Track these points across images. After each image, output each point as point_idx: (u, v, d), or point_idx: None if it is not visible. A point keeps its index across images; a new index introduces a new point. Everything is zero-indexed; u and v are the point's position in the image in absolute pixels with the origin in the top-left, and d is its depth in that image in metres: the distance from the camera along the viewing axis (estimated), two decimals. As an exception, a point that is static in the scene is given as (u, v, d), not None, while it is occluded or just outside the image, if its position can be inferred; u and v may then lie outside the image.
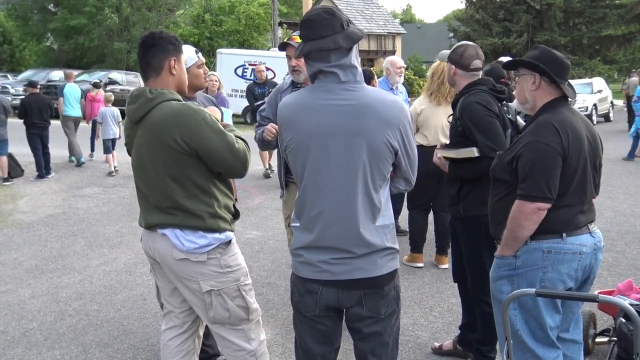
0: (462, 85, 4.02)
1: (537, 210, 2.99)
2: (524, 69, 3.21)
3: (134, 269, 6.74)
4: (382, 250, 2.68)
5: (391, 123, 2.62)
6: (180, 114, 3.03)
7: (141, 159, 3.17)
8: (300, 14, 52.22)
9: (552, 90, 3.14)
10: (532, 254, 3.10)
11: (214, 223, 3.15)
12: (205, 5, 33.61)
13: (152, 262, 3.36)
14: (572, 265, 3.07)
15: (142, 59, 3.18)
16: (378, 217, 2.67)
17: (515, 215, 3.05)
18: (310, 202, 2.68)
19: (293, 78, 4.50)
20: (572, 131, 3.01)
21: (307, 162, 2.65)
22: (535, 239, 3.08)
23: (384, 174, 2.68)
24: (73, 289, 6.12)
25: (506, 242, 3.15)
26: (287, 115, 2.71)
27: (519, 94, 3.25)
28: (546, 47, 3.23)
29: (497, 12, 36.36)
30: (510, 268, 3.17)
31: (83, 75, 26.31)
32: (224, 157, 3.08)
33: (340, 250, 2.63)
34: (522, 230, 3.05)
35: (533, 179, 2.98)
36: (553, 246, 3.06)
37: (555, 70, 3.10)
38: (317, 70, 2.66)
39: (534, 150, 2.99)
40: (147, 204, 3.23)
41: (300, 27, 2.69)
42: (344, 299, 2.70)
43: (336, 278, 2.66)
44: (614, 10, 35.35)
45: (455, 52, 4.00)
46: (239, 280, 3.26)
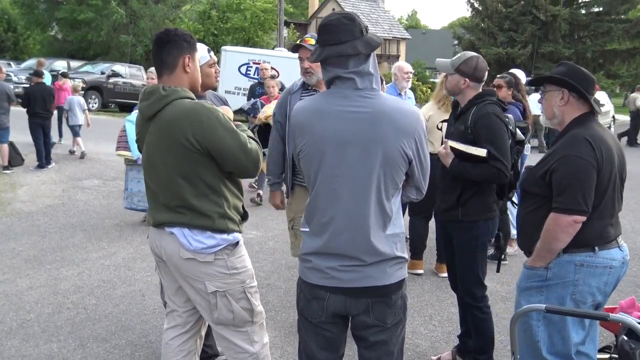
0: (470, 96, 4.04)
1: (573, 223, 3.04)
2: (550, 85, 3.26)
3: (133, 264, 6.70)
4: (392, 259, 2.67)
5: (407, 132, 2.61)
6: (194, 112, 3.01)
7: (151, 156, 3.15)
8: (306, 14, 52.26)
9: (581, 105, 3.20)
10: (564, 266, 3.14)
11: (222, 224, 3.13)
12: (213, 1, 33.57)
13: (158, 260, 3.34)
14: (602, 279, 3.13)
15: (157, 56, 3.16)
16: (389, 225, 2.65)
17: (551, 227, 3.10)
18: (321, 208, 2.66)
19: (305, 80, 4.50)
20: (604, 145, 3.07)
21: (321, 167, 2.63)
22: (568, 251, 3.13)
23: (397, 183, 2.67)
24: (71, 282, 6.09)
25: (539, 254, 3.19)
26: (302, 119, 2.69)
27: (547, 110, 3.29)
28: (571, 63, 3.32)
29: (503, 22, 36.35)
30: (541, 279, 3.21)
31: (86, 67, 26.29)
32: (237, 156, 3.06)
33: (349, 257, 2.61)
34: (557, 242, 3.10)
35: (570, 192, 3.03)
36: (585, 259, 3.12)
37: (584, 85, 3.15)
38: (335, 76, 2.64)
39: (570, 164, 3.04)
40: (156, 201, 3.21)
41: (319, 31, 2.67)
42: (351, 307, 2.68)
43: (344, 285, 2.64)
44: (619, 25, 35.38)
45: (467, 65, 3.99)
46: (244, 283, 3.24)
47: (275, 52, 24.81)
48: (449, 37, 46.55)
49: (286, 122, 4.51)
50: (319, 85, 4.48)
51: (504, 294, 5.90)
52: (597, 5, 37.36)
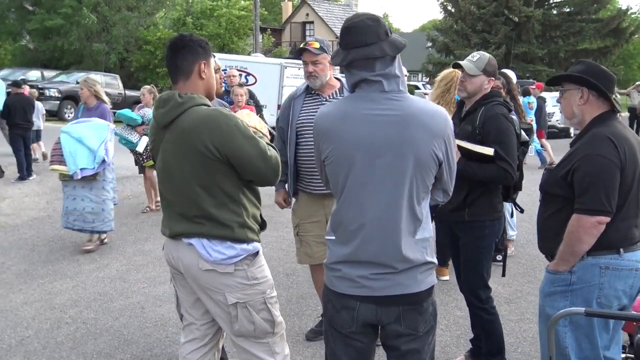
0: (479, 96, 4.02)
1: (597, 224, 2.96)
2: (569, 84, 3.18)
3: (128, 276, 6.58)
4: (423, 265, 2.61)
5: (437, 134, 2.55)
6: (212, 119, 2.94)
7: (168, 165, 3.06)
8: (279, 19, 52.20)
9: (601, 103, 3.12)
10: (588, 270, 3.06)
11: (242, 233, 3.05)
12: (187, 8, 33.34)
13: (174, 272, 3.25)
14: (628, 281, 3.05)
15: (171, 62, 3.08)
16: (419, 230, 2.59)
17: (574, 229, 3.01)
18: (350, 216, 2.58)
19: (309, 84, 4.43)
20: (627, 144, 3.00)
21: (350, 174, 2.55)
22: (592, 254, 3.05)
23: (428, 186, 2.61)
24: (67, 296, 5.95)
25: (562, 257, 3.11)
26: (327, 125, 2.61)
27: (566, 109, 3.21)
28: (590, 61, 3.22)
29: (476, 23, 36.51)
30: (565, 284, 3.13)
31: (61, 76, 25.85)
32: (256, 164, 2.99)
33: (381, 265, 2.54)
34: (582, 244, 3.02)
35: (593, 192, 2.95)
36: (610, 262, 3.04)
37: (604, 83, 3.07)
38: (361, 79, 2.57)
39: (592, 163, 2.96)
40: (172, 211, 3.12)
41: (343, 34, 2.59)
42: (382, 316, 2.61)
43: (375, 294, 2.57)
44: (590, 25, 35.75)
45: (492, 65, 3.98)
46: (265, 293, 3.17)
47: (252, 57, 24.68)
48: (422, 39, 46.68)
49: (289, 127, 4.45)
50: (322, 89, 4.42)
51: (506, 295, 5.87)
52: (568, 6, 37.75)
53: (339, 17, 46.16)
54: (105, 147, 7.09)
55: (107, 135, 7.18)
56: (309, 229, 4.57)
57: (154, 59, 32.25)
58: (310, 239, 4.57)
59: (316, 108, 4.36)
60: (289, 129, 4.45)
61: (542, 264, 3.41)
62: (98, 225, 7.29)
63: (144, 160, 9.25)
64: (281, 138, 4.58)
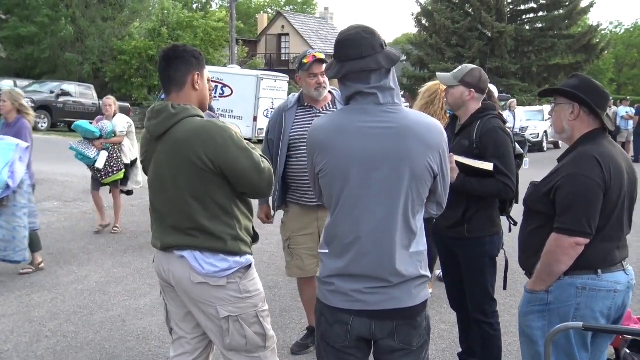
0: (473, 109, 3.96)
1: (575, 245, 2.92)
2: (561, 98, 3.15)
3: (107, 288, 6.48)
4: (417, 279, 2.59)
5: (432, 146, 2.55)
6: (206, 130, 2.92)
7: (161, 177, 3.03)
8: (254, 31, 52.23)
9: (592, 121, 3.07)
10: (565, 289, 3.02)
11: (235, 246, 3.03)
12: (163, 19, 33.17)
13: (165, 285, 3.20)
14: (605, 303, 3.00)
15: (164, 73, 3.05)
16: (413, 243, 2.58)
17: (552, 249, 2.98)
18: (345, 229, 2.56)
19: (316, 95, 4.43)
20: (613, 165, 2.96)
21: (345, 187, 2.54)
22: (570, 274, 3.01)
23: (423, 199, 2.61)
24: (45, 309, 5.84)
25: (539, 276, 3.07)
26: (322, 138, 2.59)
27: (556, 123, 3.18)
28: (585, 76, 3.18)
29: (451, 37, 36.96)
30: (542, 303, 3.09)
31: (34, 86, 25.56)
32: (250, 176, 2.97)
33: (375, 278, 2.53)
34: (559, 264, 2.98)
35: (573, 212, 2.91)
36: (587, 282, 2.98)
37: (596, 101, 3.03)
38: (356, 92, 2.56)
39: (575, 183, 2.92)
40: (164, 223, 3.09)
41: (338, 46, 2.58)
42: (376, 330, 2.58)
43: (369, 308, 2.55)
44: (562, 41, 36.41)
45: (473, 76, 3.93)
46: (257, 307, 3.14)
47: (228, 69, 24.67)
48: (397, 53, 47.13)
49: (280, 140, 4.43)
50: (316, 102, 4.42)
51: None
52: (540, 22, 38.36)
53: (314, 29, 46.34)
54: (10, 170, 6.34)
55: (12, 156, 6.40)
56: (300, 241, 4.54)
57: (129, 69, 32.04)
58: (302, 251, 4.54)
59: (309, 120, 4.36)
60: (281, 141, 4.43)
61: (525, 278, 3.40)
62: (10, 254, 6.52)
63: (103, 177, 8.66)
64: (269, 151, 4.55)
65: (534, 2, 38.03)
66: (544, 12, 38.09)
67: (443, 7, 37.74)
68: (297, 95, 4.56)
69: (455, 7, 38.25)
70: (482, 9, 35.69)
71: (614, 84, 59.85)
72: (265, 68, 35.73)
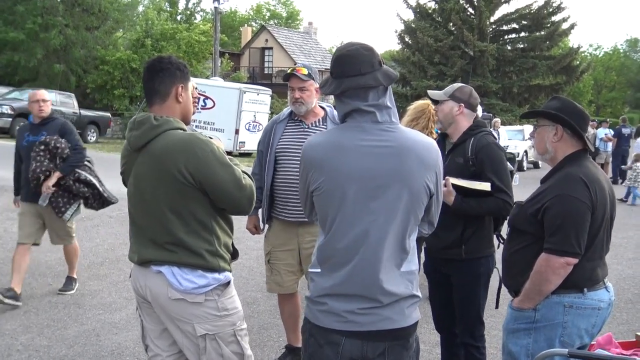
0: (464, 127, 3.93)
1: (565, 265, 2.96)
2: (544, 120, 3.18)
3: (82, 301, 6.36)
4: (409, 298, 2.55)
5: (430, 166, 2.53)
6: (187, 143, 2.87)
7: (140, 189, 2.98)
8: (238, 44, 52.25)
9: (574, 142, 3.12)
10: (552, 308, 3.05)
11: (214, 262, 2.97)
12: (147, 29, 33.08)
13: (141, 301, 3.13)
14: (590, 320, 3.05)
15: (148, 84, 3.01)
16: (404, 262, 2.54)
17: (542, 269, 3.00)
18: (340, 248, 2.50)
19: (294, 109, 4.40)
20: (598, 186, 3.01)
21: (342, 205, 2.47)
22: (557, 292, 3.04)
23: (419, 219, 2.58)
24: (18, 321, 5.71)
25: (528, 295, 3.09)
26: (318, 156, 2.53)
27: (539, 145, 3.21)
28: (566, 98, 3.24)
29: (433, 55, 37.24)
30: (529, 321, 3.11)
31: (14, 94, 25.22)
32: (231, 192, 2.92)
33: (367, 298, 2.47)
34: (548, 284, 3.01)
35: (563, 233, 2.94)
36: (574, 301, 3.03)
37: (578, 122, 3.08)
38: (354, 109, 2.52)
39: (564, 204, 2.96)
40: (142, 237, 3.03)
41: (336, 62, 2.54)
42: (368, 351, 2.51)
43: (362, 329, 2.49)
44: (543, 61, 36.78)
45: (462, 92, 3.93)
46: (235, 325, 3.09)
47: (211, 81, 24.59)
48: (380, 69, 47.40)
49: (269, 151, 4.39)
50: (306, 117, 4.38)
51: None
52: (521, 42, 38.78)
53: (297, 44, 46.45)
54: None
55: None
56: (280, 257, 4.49)
57: (111, 79, 31.86)
58: (282, 267, 4.49)
59: (298, 134, 4.33)
60: (269, 153, 4.39)
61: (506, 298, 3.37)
62: None
63: None
64: (260, 162, 4.51)
65: (515, 22, 38.46)
66: (526, 33, 38.50)
67: (426, 25, 38.04)
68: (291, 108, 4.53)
69: (438, 26, 38.55)
70: (465, 27, 36.03)
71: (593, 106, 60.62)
72: (248, 81, 35.68)
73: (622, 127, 22.01)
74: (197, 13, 44.63)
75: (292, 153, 4.28)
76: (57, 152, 6.08)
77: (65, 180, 6.13)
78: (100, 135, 27.20)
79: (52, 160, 6.07)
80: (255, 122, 22.88)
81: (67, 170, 6.12)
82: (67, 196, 6.22)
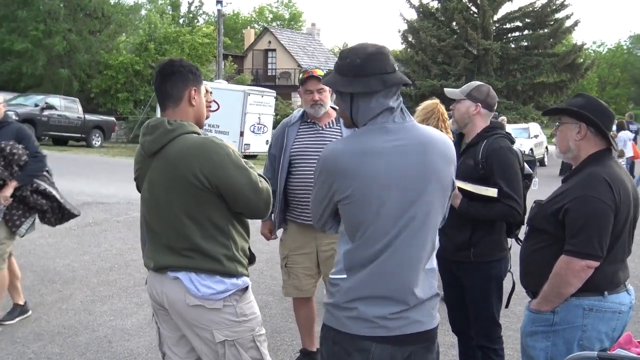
0: (479, 127, 3.85)
1: (586, 267, 2.88)
2: (567, 118, 3.09)
3: (93, 307, 6.32)
4: (433, 298, 2.50)
5: (451, 160, 2.51)
6: (203, 147, 2.82)
7: (155, 195, 2.93)
8: (241, 46, 52.25)
9: (598, 141, 3.03)
10: (572, 311, 2.97)
11: (232, 267, 2.92)
12: (150, 33, 33.10)
13: (158, 308, 3.08)
14: (611, 324, 2.97)
15: (160, 88, 2.95)
16: (430, 260, 2.50)
17: (562, 271, 2.92)
18: (372, 253, 2.40)
19: (312, 112, 4.34)
20: (622, 187, 2.93)
21: (379, 212, 2.37)
22: (576, 295, 2.96)
23: (445, 213, 2.54)
24: (29, 329, 5.67)
25: (546, 297, 3.02)
26: (345, 163, 2.39)
27: (561, 143, 3.13)
28: (591, 95, 3.15)
29: (437, 55, 37.17)
30: (547, 324, 3.04)
31: (18, 99, 25.30)
32: (247, 196, 2.86)
33: (398, 301, 2.40)
34: (568, 287, 2.93)
35: (585, 235, 2.86)
36: (594, 304, 2.95)
37: (603, 121, 2.99)
38: (386, 108, 2.44)
39: (587, 205, 2.88)
40: (157, 243, 2.98)
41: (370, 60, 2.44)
42: (397, 356, 2.43)
43: (391, 334, 2.41)
44: (547, 59, 36.67)
45: (480, 91, 3.84)
46: (254, 330, 3.04)
47: (215, 83, 24.56)
48: (383, 69, 47.38)
49: (282, 155, 4.33)
50: (319, 118, 4.33)
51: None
52: (525, 40, 38.69)
53: (301, 45, 46.43)
54: None
55: None
56: (298, 260, 4.44)
57: (115, 83, 31.88)
58: (300, 271, 4.44)
59: (312, 137, 4.29)
60: (282, 156, 4.34)
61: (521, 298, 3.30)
62: None
63: None
64: (272, 166, 4.46)
65: (519, 20, 38.39)
66: (529, 31, 38.43)
67: (429, 25, 37.96)
68: (302, 110, 4.48)
69: (442, 25, 38.47)
70: (468, 26, 35.93)
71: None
72: (252, 83, 35.68)
73: (628, 124, 21.94)
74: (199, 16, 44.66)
75: (307, 155, 4.24)
76: (13, 159, 5.28)
77: (22, 191, 5.36)
78: (105, 139, 27.27)
79: (7, 168, 5.27)
80: (260, 124, 22.85)
81: (25, 180, 5.34)
82: (22, 209, 5.44)
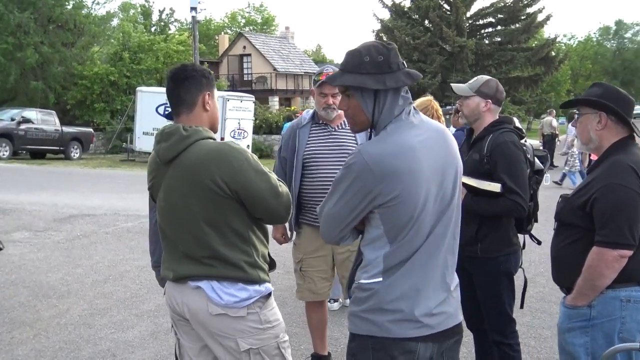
0: (487, 122, 3.82)
1: (619, 257, 2.82)
2: (586, 108, 3.06)
3: (92, 320, 6.21)
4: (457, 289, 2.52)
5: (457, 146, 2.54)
6: (221, 153, 2.77)
7: (172, 203, 2.86)
8: (215, 52, 52.04)
9: (620, 129, 2.99)
10: (609, 303, 2.92)
11: (254, 273, 2.87)
12: (124, 42, 32.81)
13: (177, 319, 3.01)
14: None
15: (173, 93, 2.89)
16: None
17: (594, 263, 2.87)
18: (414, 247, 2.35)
19: (324, 115, 4.29)
20: None
21: (426, 206, 2.33)
22: (612, 287, 2.90)
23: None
24: (29, 346, 5.55)
25: (581, 291, 2.96)
26: (395, 164, 2.30)
27: (582, 134, 3.09)
28: (608, 84, 3.12)
29: (412, 53, 37.32)
30: (585, 319, 2.98)
31: (-6, 113, 24.99)
32: (268, 200, 2.81)
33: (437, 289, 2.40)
34: (603, 279, 2.87)
35: (615, 224, 2.81)
36: (632, 295, 2.90)
37: (622, 108, 2.96)
38: (411, 102, 2.45)
39: (614, 194, 2.83)
40: (176, 252, 2.91)
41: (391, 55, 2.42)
42: (435, 353, 2.42)
43: (434, 331, 2.38)
44: (521, 53, 37.05)
45: (489, 86, 3.82)
46: (278, 337, 2.98)
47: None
48: (359, 70, 47.43)
49: (294, 158, 4.28)
50: (332, 120, 4.28)
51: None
52: (499, 36, 39.02)
53: (275, 49, 46.34)
54: None
55: None
56: (313, 264, 4.39)
57: (90, 94, 31.56)
58: (315, 274, 4.39)
59: (325, 138, 4.25)
60: (295, 159, 4.28)
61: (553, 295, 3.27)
62: None
63: None
64: (283, 170, 4.41)
65: (492, 16, 38.73)
66: (502, 26, 38.79)
67: (403, 24, 38.15)
68: (311, 112, 4.44)
69: (415, 23, 38.68)
70: (442, 24, 36.16)
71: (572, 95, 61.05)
72: (228, 89, 35.54)
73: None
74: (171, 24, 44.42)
75: (321, 157, 4.21)
76: None
77: None
78: (84, 151, 26.99)
79: None
80: (240, 129, 22.79)
81: None
82: None
